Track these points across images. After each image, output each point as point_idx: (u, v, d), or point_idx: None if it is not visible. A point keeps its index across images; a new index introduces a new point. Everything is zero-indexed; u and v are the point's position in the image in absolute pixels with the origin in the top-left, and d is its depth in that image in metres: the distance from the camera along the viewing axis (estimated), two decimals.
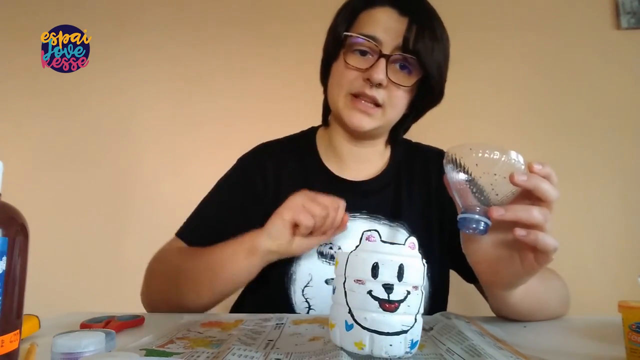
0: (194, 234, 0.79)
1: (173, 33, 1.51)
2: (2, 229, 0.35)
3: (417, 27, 0.70)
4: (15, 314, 0.36)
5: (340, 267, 0.43)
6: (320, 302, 0.72)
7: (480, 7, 1.43)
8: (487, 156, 0.47)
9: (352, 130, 0.76)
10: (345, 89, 0.73)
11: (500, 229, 0.51)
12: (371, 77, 0.69)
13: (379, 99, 0.71)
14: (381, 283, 0.40)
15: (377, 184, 0.80)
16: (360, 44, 0.71)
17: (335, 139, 0.82)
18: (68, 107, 1.51)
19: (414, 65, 0.71)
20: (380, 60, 0.69)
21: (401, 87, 0.72)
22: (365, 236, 0.42)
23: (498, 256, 0.52)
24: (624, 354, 0.44)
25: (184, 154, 1.44)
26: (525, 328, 0.60)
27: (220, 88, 1.48)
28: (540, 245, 0.47)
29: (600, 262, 1.31)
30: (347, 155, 0.81)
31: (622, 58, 1.37)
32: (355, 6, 0.76)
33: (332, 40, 0.76)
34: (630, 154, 1.35)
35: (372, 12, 0.73)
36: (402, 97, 0.74)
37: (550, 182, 0.49)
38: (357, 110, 0.72)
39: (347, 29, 0.74)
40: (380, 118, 0.74)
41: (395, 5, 0.72)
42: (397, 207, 0.78)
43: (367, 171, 0.81)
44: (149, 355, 0.44)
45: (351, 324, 0.41)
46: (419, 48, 0.69)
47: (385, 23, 0.71)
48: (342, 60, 0.73)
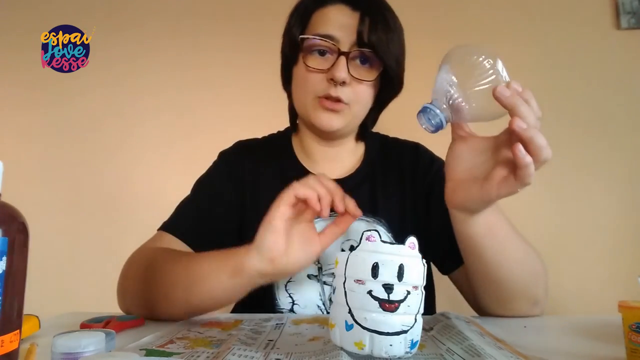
0: (181, 226, 0.75)
1: (173, 33, 1.51)
2: (2, 228, 0.34)
3: (369, 20, 0.70)
4: (15, 314, 0.36)
5: (340, 267, 0.43)
6: (303, 297, 0.72)
7: (480, 7, 1.43)
8: (479, 62, 0.49)
9: (322, 131, 0.76)
10: (310, 93, 0.73)
11: (485, 150, 0.54)
12: (334, 77, 0.69)
13: (344, 98, 0.72)
14: (381, 283, 0.40)
15: (352, 182, 0.80)
16: (318, 45, 0.71)
17: (306, 142, 0.83)
18: (68, 107, 1.51)
19: (373, 58, 0.72)
20: (340, 59, 0.70)
21: (364, 82, 0.73)
22: (366, 236, 0.42)
23: (474, 174, 0.55)
24: (624, 354, 0.44)
25: (184, 153, 1.44)
26: (525, 328, 0.60)
27: (221, 88, 1.48)
28: (535, 144, 0.48)
29: (600, 262, 1.31)
30: (320, 156, 0.82)
31: (622, 58, 1.37)
32: (307, 6, 0.76)
33: (289, 44, 0.76)
34: (631, 153, 1.35)
35: (324, 11, 0.73)
36: (367, 92, 0.74)
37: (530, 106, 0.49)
38: (324, 110, 0.73)
39: (302, 31, 0.74)
40: (348, 115, 0.74)
41: (346, 2, 0.72)
42: (373, 204, 0.78)
43: (340, 170, 0.82)
44: (149, 355, 0.44)
45: (351, 324, 0.41)
46: (374, 41, 0.70)
47: (339, 20, 0.71)
48: (303, 64, 0.73)
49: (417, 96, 0.66)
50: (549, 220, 1.31)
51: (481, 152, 0.55)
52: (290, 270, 0.57)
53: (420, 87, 0.73)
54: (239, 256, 0.57)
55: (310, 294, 0.72)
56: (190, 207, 0.78)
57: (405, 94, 0.82)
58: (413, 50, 0.81)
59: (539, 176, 0.49)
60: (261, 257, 0.55)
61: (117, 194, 1.47)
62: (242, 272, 0.56)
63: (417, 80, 0.81)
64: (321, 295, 0.73)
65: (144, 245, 0.74)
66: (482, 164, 0.55)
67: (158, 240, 0.73)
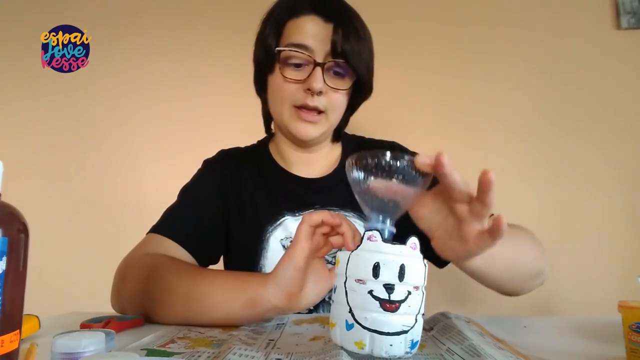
0: (170, 227, 0.75)
1: (173, 33, 1.51)
2: (2, 228, 0.34)
3: (342, 31, 0.73)
4: (16, 314, 0.36)
5: (341, 267, 0.43)
6: None
7: (480, 6, 1.43)
8: (385, 162, 0.44)
9: (299, 140, 0.79)
10: (288, 102, 0.76)
11: (439, 209, 0.49)
12: (311, 87, 0.72)
13: (321, 107, 0.75)
14: (382, 283, 0.40)
15: (330, 182, 0.83)
16: (294, 56, 0.74)
17: (282, 147, 0.86)
18: (68, 108, 1.51)
19: (346, 68, 0.75)
20: (316, 69, 0.72)
21: (339, 90, 0.76)
22: (367, 236, 0.42)
23: (448, 232, 0.50)
24: (624, 354, 0.44)
25: (184, 155, 1.44)
26: (525, 328, 0.60)
27: (221, 89, 1.47)
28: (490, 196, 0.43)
29: (600, 262, 1.31)
30: (296, 160, 0.85)
31: (622, 58, 1.37)
32: (280, 16, 0.77)
33: (264, 53, 0.78)
34: (631, 153, 1.35)
35: (298, 22, 0.75)
36: (341, 100, 0.77)
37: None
38: (302, 121, 0.76)
39: (277, 41, 0.76)
40: (325, 124, 0.78)
41: (319, 13, 0.74)
42: (352, 201, 0.78)
43: (317, 171, 0.85)
44: (150, 354, 0.44)
45: (352, 324, 0.41)
46: (347, 51, 0.72)
47: (313, 31, 0.74)
48: (279, 74, 0.75)
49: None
50: (548, 220, 1.31)
51: (437, 210, 0.50)
52: (302, 306, 0.56)
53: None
54: (255, 287, 0.55)
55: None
56: (177, 211, 0.80)
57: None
58: (415, 52, 0.81)
59: (539, 176, 0.49)
60: (279, 291, 0.54)
61: (117, 194, 1.47)
62: (257, 305, 0.55)
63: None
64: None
65: (136, 249, 0.73)
66: (445, 220, 0.50)
67: (151, 243, 0.73)
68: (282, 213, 0.80)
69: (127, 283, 0.68)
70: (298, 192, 0.82)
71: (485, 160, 1.32)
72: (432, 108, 1.38)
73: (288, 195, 0.82)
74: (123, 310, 0.67)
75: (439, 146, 0.87)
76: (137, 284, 0.65)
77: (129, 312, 0.66)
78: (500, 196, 0.43)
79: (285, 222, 0.80)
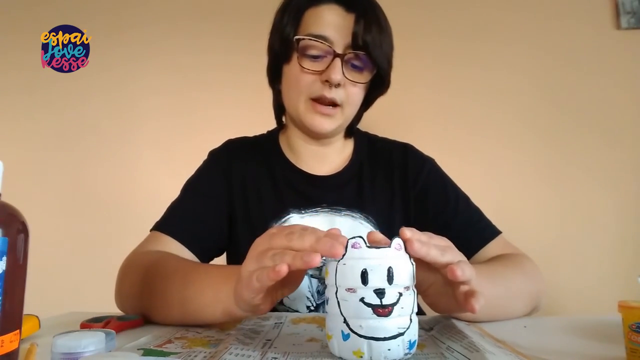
0: (173, 225, 0.75)
1: (173, 33, 1.51)
2: (2, 228, 0.34)
3: (364, 22, 0.70)
4: (16, 314, 0.36)
5: (330, 277, 0.42)
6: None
7: (480, 6, 1.43)
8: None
9: (313, 133, 0.77)
10: (304, 94, 0.73)
11: (426, 270, 0.47)
12: (330, 79, 0.70)
13: (338, 100, 0.72)
14: (372, 289, 0.40)
15: (340, 179, 0.81)
16: (313, 46, 0.71)
17: (294, 140, 0.83)
18: (68, 107, 1.51)
19: (365, 61, 0.72)
20: (335, 61, 0.70)
21: (358, 84, 0.73)
22: (351, 244, 0.41)
23: (439, 291, 0.49)
24: (624, 354, 0.44)
25: (184, 153, 1.44)
26: (525, 328, 0.60)
27: (221, 89, 1.48)
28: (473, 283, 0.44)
29: (601, 262, 1.31)
30: (307, 154, 0.83)
31: (622, 58, 1.37)
32: (299, 4, 0.74)
33: (281, 42, 0.75)
34: (630, 154, 1.35)
35: (318, 10, 0.73)
36: (358, 94, 0.75)
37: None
38: (318, 114, 0.74)
39: (296, 30, 0.73)
40: (340, 117, 0.76)
41: (340, 2, 0.72)
42: (360, 201, 0.79)
43: (328, 167, 0.83)
44: (146, 354, 0.44)
45: (347, 334, 0.40)
46: (369, 44, 0.70)
47: (334, 21, 0.71)
48: (296, 64, 0.72)
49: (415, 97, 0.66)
50: (549, 220, 1.31)
51: (428, 268, 0.47)
52: (275, 303, 0.51)
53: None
54: (225, 301, 0.51)
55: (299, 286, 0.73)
56: (180, 207, 0.79)
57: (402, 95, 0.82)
58: (414, 48, 0.81)
59: (539, 176, 0.49)
60: (248, 307, 0.49)
61: (118, 194, 1.47)
62: (232, 315, 0.53)
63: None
64: (309, 287, 0.75)
65: (140, 247, 0.73)
66: (437, 278, 0.48)
67: (153, 241, 0.73)
68: (288, 210, 0.78)
69: (125, 283, 0.68)
70: (305, 189, 0.80)
71: (485, 157, 1.32)
72: (432, 101, 1.38)
73: (295, 191, 0.80)
74: (124, 310, 0.68)
75: (440, 140, 0.87)
76: (133, 285, 0.64)
77: (129, 312, 0.66)
78: (500, 193, 0.43)
79: (290, 220, 0.78)
